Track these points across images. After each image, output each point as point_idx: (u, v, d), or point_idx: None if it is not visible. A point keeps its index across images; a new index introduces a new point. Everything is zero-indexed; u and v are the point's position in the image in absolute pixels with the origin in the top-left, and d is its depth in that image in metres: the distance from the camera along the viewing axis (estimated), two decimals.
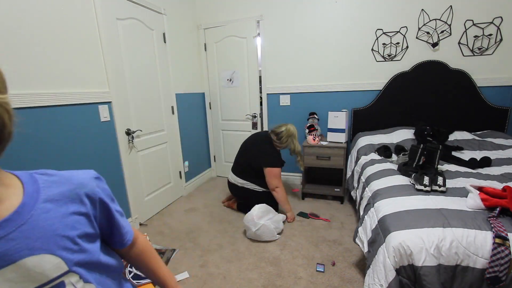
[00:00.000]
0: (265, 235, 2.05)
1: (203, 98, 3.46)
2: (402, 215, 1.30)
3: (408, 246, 1.15)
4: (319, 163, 2.68)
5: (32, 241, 0.44)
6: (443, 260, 1.12)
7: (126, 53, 2.23)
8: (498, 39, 2.40)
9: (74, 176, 0.54)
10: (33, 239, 0.44)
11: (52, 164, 1.66)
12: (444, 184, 1.49)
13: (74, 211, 0.50)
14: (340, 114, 2.64)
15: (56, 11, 1.68)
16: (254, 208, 2.11)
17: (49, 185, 0.49)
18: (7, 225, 0.42)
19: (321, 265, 1.76)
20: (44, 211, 0.46)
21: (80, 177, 0.55)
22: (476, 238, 1.12)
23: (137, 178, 2.40)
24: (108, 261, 0.57)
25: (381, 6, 2.63)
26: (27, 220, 0.44)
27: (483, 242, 1.10)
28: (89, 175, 0.57)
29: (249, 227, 2.04)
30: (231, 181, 2.57)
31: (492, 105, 2.48)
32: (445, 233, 1.15)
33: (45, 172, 0.51)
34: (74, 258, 0.48)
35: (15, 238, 0.42)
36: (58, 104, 1.69)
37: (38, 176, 0.50)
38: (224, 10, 3.16)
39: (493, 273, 1.06)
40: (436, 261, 1.13)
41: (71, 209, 0.50)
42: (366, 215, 1.58)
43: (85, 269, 0.50)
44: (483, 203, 1.26)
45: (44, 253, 0.44)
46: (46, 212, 0.46)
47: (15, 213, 0.44)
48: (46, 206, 0.47)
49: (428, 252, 1.13)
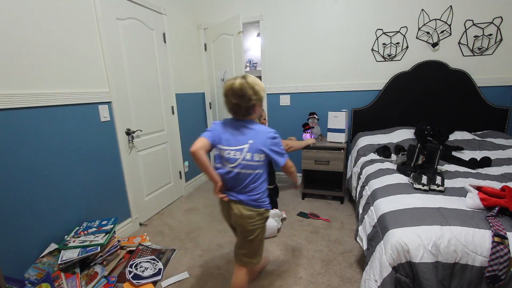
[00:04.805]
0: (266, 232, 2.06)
1: (203, 98, 3.46)
2: (400, 213, 1.32)
3: (406, 243, 1.16)
4: (318, 167, 2.65)
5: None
6: (441, 257, 1.12)
7: (126, 53, 2.23)
8: (498, 39, 2.40)
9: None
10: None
11: (52, 164, 1.66)
12: (443, 183, 1.49)
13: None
14: (340, 114, 2.64)
15: (56, 11, 1.68)
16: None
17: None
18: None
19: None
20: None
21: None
22: (474, 236, 1.12)
23: (137, 178, 2.40)
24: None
25: (381, 6, 2.63)
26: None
27: (482, 240, 1.10)
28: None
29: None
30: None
31: (492, 105, 2.48)
32: (443, 231, 1.16)
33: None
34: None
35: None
36: (58, 104, 1.69)
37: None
38: (224, 10, 3.16)
39: (493, 272, 1.06)
40: (434, 258, 1.13)
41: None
42: (366, 214, 1.59)
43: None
44: (482, 202, 1.26)
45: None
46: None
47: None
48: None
49: (426, 249, 1.14)
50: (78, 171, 1.83)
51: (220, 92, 3.30)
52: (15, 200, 1.47)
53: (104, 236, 1.71)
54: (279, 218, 2.19)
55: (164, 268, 1.81)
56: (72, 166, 1.79)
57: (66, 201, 1.76)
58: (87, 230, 1.77)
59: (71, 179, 1.79)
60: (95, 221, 1.88)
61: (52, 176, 1.67)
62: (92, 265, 1.65)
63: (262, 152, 1.22)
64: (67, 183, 1.77)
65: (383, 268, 1.19)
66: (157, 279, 1.69)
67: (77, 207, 1.84)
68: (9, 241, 1.45)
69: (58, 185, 1.70)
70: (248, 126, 1.25)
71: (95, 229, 1.79)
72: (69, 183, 1.78)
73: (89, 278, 1.59)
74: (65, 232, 1.74)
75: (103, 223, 1.85)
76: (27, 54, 1.53)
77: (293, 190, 3.08)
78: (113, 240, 1.78)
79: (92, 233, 1.75)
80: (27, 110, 1.53)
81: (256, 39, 4.18)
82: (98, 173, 1.99)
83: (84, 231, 1.76)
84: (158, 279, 1.70)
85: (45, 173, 1.63)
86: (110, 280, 1.64)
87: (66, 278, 1.52)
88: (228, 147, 1.23)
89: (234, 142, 1.23)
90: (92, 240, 1.67)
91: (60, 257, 1.55)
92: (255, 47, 4.25)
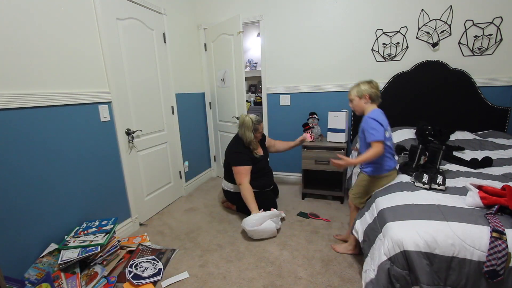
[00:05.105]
0: (266, 234, 2.07)
1: (203, 98, 3.46)
2: (399, 208, 1.36)
3: (402, 234, 1.19)
4: (318, 167, 2.65)
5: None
6: (439, 250, 1.14)
7: (126, 53, 2.23)
8: (498, 39, 2.40)
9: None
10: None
11: (52, 164, 1.66)
12: (444, 183, 1.50)
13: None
14: (340, 114, 2.64)
15: (56, 11, 1.68)
16: (249, 219, 2.06)
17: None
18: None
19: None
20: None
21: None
22: (472, 231, 1.13)
23: (137, 178, 2.40)
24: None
25: (381, 6, 2.63)
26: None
27: (480, 235, 1.11)
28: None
29: (246, 230, 2.07)
30: (224, 187, 2.57)
31: (492, 105, 2.48)
32: (441, 225, 1.18)
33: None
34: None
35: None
36: (58, 104, 1.69)
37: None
38: (224, 10, 3.16)
39: (491, 267, 1.06)
40: (430, 250, 1.15)
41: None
42: (367, 211, 1.61)
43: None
44: (482, 201, 1.26)
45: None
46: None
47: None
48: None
49: (422, 240, 1.15)
50: (78, 171, 1.83)
51: (220, 92, 3.30)
52: (15, 200, 1.47)
53: (104, 236, 1.71)
54: (278, 218, 2.19)
55: (164, 268, 1.81)
56: (72, 166, 1.79)
57: (66, 201, 1.76)
58: (87, 230, 1.77)
59: (71, 179, 1.79)
60: (95, 221, 1.88)
61: (52, 176, 1.67)
62: (92, 265, 1.65)
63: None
64: (67, 183, 1.76)
65: (380, 258, 1.23)
66: (157, 279, 1.69)
67: (77, 207, 1.84)
68: (9, 241, 1.45)
69: (58, 185, 1.70)
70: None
71: (95, 229, 1.79)
72: (69, 183, 1.77)
73: (89, 278, 1.59)
74: (65, 232, 1.74)
75: (103, 223, 1.85)
76: (26, 54, 1.53)
77: (293, 190, 3.08)
78: (113, 240, 1.78)
79: (92, 233, 1.75)
80: (27, 110, 1.53)
81: (256, 39, 4.18)
82: (98, 173, 1.99)
83: (84, 231, 1.76)
84: (158, 279, 1.70)
85: (45, 173, 1.63)
86: (110, 280, 1.64)
87: (66, 278, 1.52)
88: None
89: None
90: (92, 240, 1.67)
91: (60, 257, 1.55)
92: (255, 47, 4.25)
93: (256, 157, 2.41)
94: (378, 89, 1.73)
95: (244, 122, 2.35)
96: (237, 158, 2.35)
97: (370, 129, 1.61)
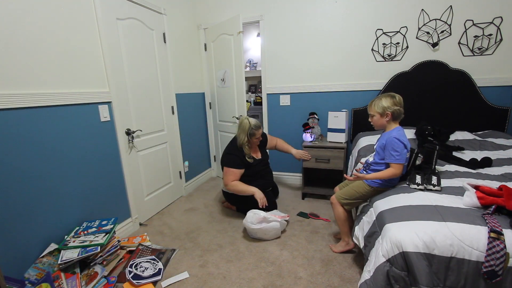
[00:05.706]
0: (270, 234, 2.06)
1: (203, 98, 3.46)
2: (397, 210, 1.36)
3: (401, 236, 1.19)
4: (318, 166, 2.66)
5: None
6: (437, 251, 1.14)
7: (126, 53, 2.23)
8: (498, 39, 2.40)
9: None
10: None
11: (52, 164, 1.66)
12: (439, 183, 1.50)
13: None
14: (340, 114, 2.64)
15: (56, 11, 1.68)
16: (247, 216, 2.07)
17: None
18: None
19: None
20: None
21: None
22: (470, 231, 1.13)
23: (137, 178, 2.40)
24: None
25: (381, 6, 2.63)
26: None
27: (478, 235, 1.12)
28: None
29: (249, 228, 2.05)
30: (223, 189, 2.56)
31: (492, 105, 2.48)
32: (439, 226, 1.18)
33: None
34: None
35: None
36: (58, 104, 1.69)
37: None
38: (224, 10, 3.16)
39: (490, 267, 1.06)
40: (429, 250, 1.14)
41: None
42: (364, 215, 1.61)
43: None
44: (479, 201, 1.27)
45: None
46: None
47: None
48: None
49: (421, 241, 1.15)
50: (78, 171, 1.83)
51: (220, 92, 3.30)
52: (15, 200, 1.47)
53: (104, 236, 1.72)
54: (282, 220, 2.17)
55: (164, 268, 1.81)
56: (72, 166, 1.79)
57: (66, 201, 1.76)
58: (87, 230, 1.77)
59: (71, 179, 1.79)
60: (95, 221, 1.88)
61: (52, 176, 1.67)
62: (92, 265, 1.65)
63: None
64: (67, 183, 1.77)
65: (378, 259, 1.23)
66: (157, 279, 1.69)
67: (77, 207, 1.84)
68: (9, 241, 1.45)
69: (58, 185, 1.70)
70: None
71: (95, 229, 1.79)
72: (69, 183, 1.78)
73: (89, 278, 1.59)
74: (65, 232, 1.74)
75: (103, 223, 1.86)
76: (26, 54, 1.53)
77: (293, 190, 3.08)
78: (113, 240, 1.78)
79: (92, 233, 1.75)
80: (27, 110, 1.53)
81: (256, 39, 4.18)
82: (98, 173, 1.99)
83: (84, 231, 1.76)
84: (158, 279, 1.70)
85: (45, 173, 1.63)
86: (110, 280, 1.64)
87: (66, 278, 1.52)
88: None
89: None
90: (92, 240, 1.67)
91: (60, 257, 1.55)
92: (255, 47, 4.25)
93: (249, 161, 2.39)
94: (402, 106, 1.61)
95: (242, 124, 2.35)
96: (228, 159, 2.36)
97: (393, 151, 1.56)
